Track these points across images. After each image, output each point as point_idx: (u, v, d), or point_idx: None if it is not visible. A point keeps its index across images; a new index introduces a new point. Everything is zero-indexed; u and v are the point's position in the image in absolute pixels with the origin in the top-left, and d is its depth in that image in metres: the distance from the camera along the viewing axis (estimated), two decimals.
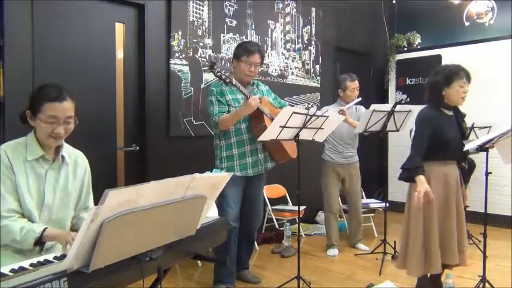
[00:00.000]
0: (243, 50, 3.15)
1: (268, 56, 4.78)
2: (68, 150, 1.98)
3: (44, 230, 1.74)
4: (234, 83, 2.93)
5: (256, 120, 3.13)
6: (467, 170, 2.97)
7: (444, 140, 2.75)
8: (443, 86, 2.79)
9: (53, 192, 1.89)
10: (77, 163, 2.00)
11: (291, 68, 5.06)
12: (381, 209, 4.74)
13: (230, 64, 4.37)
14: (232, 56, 3.32)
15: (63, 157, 1.92)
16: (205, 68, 4.04)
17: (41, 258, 1.50)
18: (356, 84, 4.17)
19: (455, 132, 2.82)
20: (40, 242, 1.74)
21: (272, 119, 3.19)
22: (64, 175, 1.93)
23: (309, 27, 5.28)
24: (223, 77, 2.87)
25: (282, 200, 4.83)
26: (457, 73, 2.79)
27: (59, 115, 1.81)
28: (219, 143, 3.23)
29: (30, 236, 1.71)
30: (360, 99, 4.14)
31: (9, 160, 1.78)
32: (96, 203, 1.19)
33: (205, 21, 4.13)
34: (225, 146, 3.20)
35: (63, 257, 1.46)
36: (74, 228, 1.99)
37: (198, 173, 1.46)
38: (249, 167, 3.20)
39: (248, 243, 3.48)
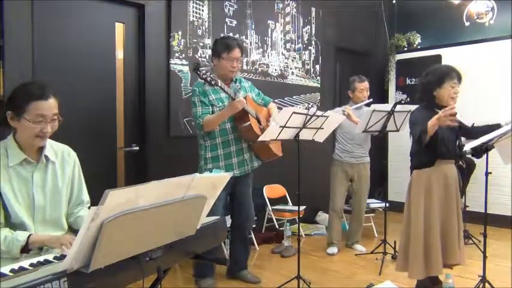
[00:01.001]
0: (222, 47, 3.10)
1: (268, 56, 4.78)
2: (53, 147, 1.93)
3: (29, 236, 1.70)
4: (219, 84, 2.87)
5: (241, 120, 3.08)
6: (465, 169, 2.99)
7: (439, 138, 2.78)
8: (435, 86, 2.84)
9: (43, 194, 1.86)
10: (64, 159, 1.96)
11: (291, 68, 5.06)
12: (380, 209, 4.74)
13: None
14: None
15: (46, 157, 1.87)
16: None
17: (41, 258, 1.49)
18: (365, 85, 4.21)
19: (448, 130, 2.86)
20: (27, 249, 1.69)
21: (257, 119, 3.16)
22: (52, 174, 1.89)
23: (309, 27, 5.27)
24: (209, 78, 2.80)
25: (282, 200, 4.83)
26: (449, 74, 2.83)
27: (47, 113, 1.76)
28: (203, 144, 3.19)
29: (15, 244, 1.67)
30: (370, 100, 4.17)
31: None
32: (96, 203, 1.19)
33: (205, 21, 4.13)
34: (210, 146, 3.16)
35: (63, 257, 1.46)
36: (74, 228, 1.97)
37: (198, 173, 1.46)
38: (235, 167, 3.17)
39: (242, 243, 3.46)
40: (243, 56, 3.25)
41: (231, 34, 4.36)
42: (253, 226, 4.27)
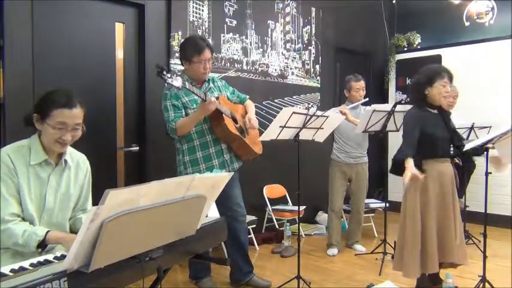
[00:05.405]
0: (192, 50, 2.95)
1: (268, 56, 4.78)
2: (70, 153, 1.97)
3: (47, 232, 1.74)
4: (188, 87, 2.70)
5: (216, 120, 2.97)
6: (462, 167, 3.02)
7: (433, 137, 2.83)
8: (426, 85, 2.89)
9: (54, 196, 1.89)
10: (78, 166, 2.00)
11: (291, 68, 5.06)
12: (380, 209, 4.74)
13: (230, 64, 4.38)
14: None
15: (65, 161, 1.92)
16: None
17: (41, 258, 1.49)
18: (361, 84, 4.19)
19: (442, 129, 2.90)
20: (43, 245, 1.73)
21: (233, 118, 3.08)
22: (66, 179, 1.93)
23: (309, 27, 5.27)
24: (177, 84, 2.59)
25: (282, 200, 4.83)
26: (439, 73, 2.89)
27: (68, 122, 1.81)
28: (180, 147, 3.06)
29: (33, 239, 1.70)
30: (366, 99, 4.16)
31: (13, 163, 1.77)
32: (96, 203, 1.19)
33: (205, 21, 4.13)
34: (187, 149, 3.03)
35: (63, 257, 1.46)
36: (72, 229, 1.99)
37: (198, 173, 1.46)
38: (216, 169, 3.03)
39: (239, 247, 3.26)
40: (213, 55, 3.11)
41: (231, 34, 4.36)
42: (253, 226, 4.28)
